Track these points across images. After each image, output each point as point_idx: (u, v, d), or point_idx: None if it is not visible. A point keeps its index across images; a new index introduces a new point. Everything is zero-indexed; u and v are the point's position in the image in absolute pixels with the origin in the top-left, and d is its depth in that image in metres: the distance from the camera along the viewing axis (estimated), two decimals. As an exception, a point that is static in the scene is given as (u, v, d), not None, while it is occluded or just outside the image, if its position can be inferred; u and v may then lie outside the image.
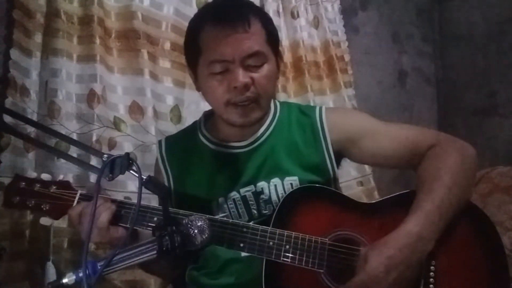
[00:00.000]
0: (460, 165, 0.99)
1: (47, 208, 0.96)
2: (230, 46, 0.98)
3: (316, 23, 2.12)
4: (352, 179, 2.03)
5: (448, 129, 2.58)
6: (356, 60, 2.28)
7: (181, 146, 1.17)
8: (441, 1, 2.68)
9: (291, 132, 1.13)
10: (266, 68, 1.02)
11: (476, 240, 0.98)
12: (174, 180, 1.14)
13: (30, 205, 0.96)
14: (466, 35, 2.52)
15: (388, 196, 1.04)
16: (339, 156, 1.14)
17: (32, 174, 1.01)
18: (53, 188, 0.97)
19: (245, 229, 0.95)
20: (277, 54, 1.09)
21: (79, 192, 0.98)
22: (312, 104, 1.95)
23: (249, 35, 0.99)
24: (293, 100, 1.98)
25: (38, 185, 0.97)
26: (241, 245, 0.94)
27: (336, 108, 1.85)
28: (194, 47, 1.03)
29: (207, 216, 0.94)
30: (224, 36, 0.98)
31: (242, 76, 0.98)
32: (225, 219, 0.97)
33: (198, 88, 1.10)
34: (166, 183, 1.13)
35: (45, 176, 1.00)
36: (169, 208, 0.94)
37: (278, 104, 1.19)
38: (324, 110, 1.15)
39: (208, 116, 1.19)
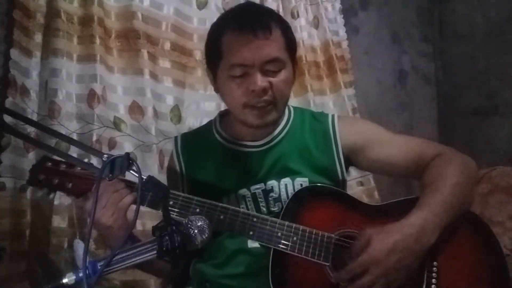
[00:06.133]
0: (462, 173, 1.04)
1: (70, 186, 1.00)
2: (251, 51, 1.02)
3: (316, 23, 2.12)
4: (352, 179, 2.03)
5: (448, 129, 2.58)
6: (356, 60, 2.27)
7: (195, 142, 1.22)
8: (441, 1, 2.68)
9: (304, 136, 1.17)
10: (283, 74, 1.07)
11: (476, 245, 1.03)
12: (187, 175, 1.17)
13: (54, 183, 1.00)
14: (466, 35, 2.52)
15: (395, 200, 1.09)
16: (348, 162, 1.18)
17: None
18: (78, 169, 1.01)
19: (255, 219, 1.00)
20: (294, 60, 1.13)
21: None
22: (312, 104, 1.96)
23: (269, 42, 1.03)
24: (293, 100, 1.97)
25: (64, 166, 1.01)
26: (251, 233, 0.99)
27: (348, 116, 1.95)
28: (215, 51, 1.08)
29: (220, 204, 1.00)
30: (246, 42, 1.02)
31: (260, 81, 1.03)
32: (237, 208, 1.02)
33: (216, 90, 1.14)
34: (180, 179, 1.17)
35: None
36: (184, 194, 1.01)
37: (292, 108, 1.23)
38: (336, 117, 1.20)
39: (223, 115, 1.23)
